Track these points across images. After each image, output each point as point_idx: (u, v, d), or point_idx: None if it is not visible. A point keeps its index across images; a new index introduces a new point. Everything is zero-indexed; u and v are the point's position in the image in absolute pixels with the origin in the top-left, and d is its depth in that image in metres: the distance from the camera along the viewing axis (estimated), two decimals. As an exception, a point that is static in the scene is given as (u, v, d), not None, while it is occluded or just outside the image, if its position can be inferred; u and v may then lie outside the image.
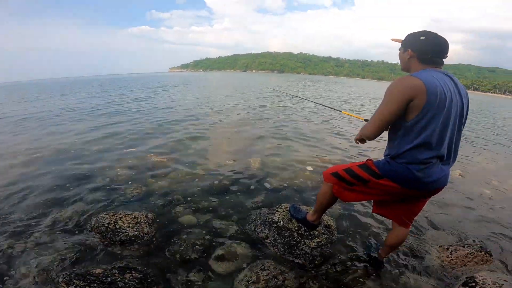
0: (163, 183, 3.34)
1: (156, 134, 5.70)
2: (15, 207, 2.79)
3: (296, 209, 2.33)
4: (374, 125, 1.49)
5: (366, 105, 13.09)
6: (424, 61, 1.48)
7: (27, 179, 3.48)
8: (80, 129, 6.42)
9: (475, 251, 2.23)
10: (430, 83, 1.35)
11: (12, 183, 3.38)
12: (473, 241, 2.41)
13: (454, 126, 1.46)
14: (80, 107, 10.10)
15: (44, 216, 2.61)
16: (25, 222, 2.52)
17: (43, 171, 3.76)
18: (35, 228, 2.41)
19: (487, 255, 2.22)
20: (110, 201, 2.91)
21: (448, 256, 2.20)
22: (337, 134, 5.86)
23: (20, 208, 2.78)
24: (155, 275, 1.87)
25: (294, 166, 3.96)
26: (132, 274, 1.78)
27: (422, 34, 1.49)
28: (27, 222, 2.52)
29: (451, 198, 3.33)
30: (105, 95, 14.31)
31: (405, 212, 1.75)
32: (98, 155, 4.44)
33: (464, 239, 2.50)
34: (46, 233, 2.34)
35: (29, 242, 2.22)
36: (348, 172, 1.71)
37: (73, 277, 1.65)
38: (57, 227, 2.43)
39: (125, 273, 1.76)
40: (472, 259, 2.17)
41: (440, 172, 1.48)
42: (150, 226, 2.37)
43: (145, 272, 1.85)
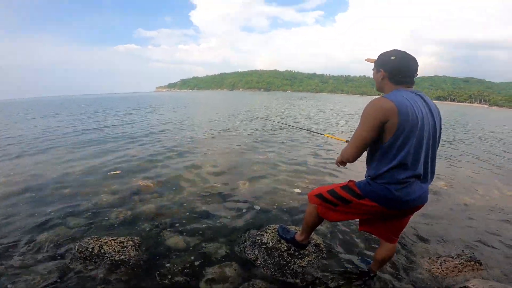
0: (149, 207, 3.28)
1: (141, 158, 5.60)
2: None
3: (285, 229, 2.35)
4: (353, 149, 1.54)
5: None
6: (396, 82, 1.53)
7: (7, 204, 3.36)
8: (62, 152, 6.26)
9: (464, 261, 2.27)
10: (401, 105, 1.39)
11: None
12: (462, 251, 2.47)
13: (428, 145, 1.50)
14: (63, 129, 9.85)
15: (25, 240, 2.53)
16: (5, 245, 2.43)
17: (24, 195, 3.64)
18: (15, 252, 2.33)
19: (477, 264, 2.27)
20: (94, 225, 2.84)
21: (439, 267, 2.24)
22: (321, 155, 5.94)
23: (1, 232, 2.68)
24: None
25: (281, 188, 3.99)
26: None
27: (392, 54, 1.54)
28: (7, 245, 2.43)
29: (437, 209, 3.43)
30: (88, 116, 13.92)
31: (390, 229, 1.79)
32: (81, 179, 4.32)
33: (453, 250, 2.56)
34: (28, 257, 2.26)
35: (9, 266, 2.15)
36: (331, 193, 1.76)
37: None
38: (39, 251, 2.35)
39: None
40: (463, 269, 2.21)
41: (419, 190, 1.53)
42: (137, 250, 2.32)
43: (132, 297, 1.79)
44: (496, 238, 2.81)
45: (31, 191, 3.81)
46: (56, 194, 3.67)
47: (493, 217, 3.32)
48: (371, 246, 2.55)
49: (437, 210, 3.41)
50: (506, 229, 3.03)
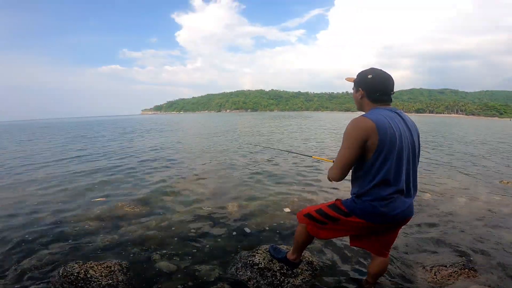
0: (136, 231, 3.19)
1: (127, 183, 5.48)
2: None
3: (276, 249, 2.35)
4: (337, 169, 1.58)
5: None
6: (374, 100, 1.58)
7: None
8: (42, 177, 6.05)
9: (458, 269, 2.30)
10: (380, 124, 1.44)
11: None
12: (454, 259, 2.50)
13: (408, 160, 1.56)
14: (41, 155, 9.41)
15: (6, 266, 2.45)
16: None
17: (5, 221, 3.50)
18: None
19: (471, 271, 2.29)
20: (79, 250, 2.74)
21: (433, 277, 2.26)
22: (309, 176, 5.97)
23: None
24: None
25: (271, 208, 3.98)
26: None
27: (369, 73, 1.59)
28: None
29: (425, 221, 3.49)
30: (70, 142, 13.51)
31: (380, 243, 1.82)
32: (64, 204, 4.18)
33: (445, 259, 2.58)
34: (10, 282, 2.19)
35: None
36: (319, 212, 1.80)
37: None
38: (22, 277, 2.27)
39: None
40: (458, 277, 2.23)
41: (403, 204, 1.57)
42: (125, 274, 2.24)
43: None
44: (487, 244, 2.86)
45: (11, 217, 3.65)
46: (37, 221, 3.52)
47: (480, 224, 3.41)
48: (365, 261, 2.56)
49: (425, 221, 3.47)
50: (495, 234, 3.10)
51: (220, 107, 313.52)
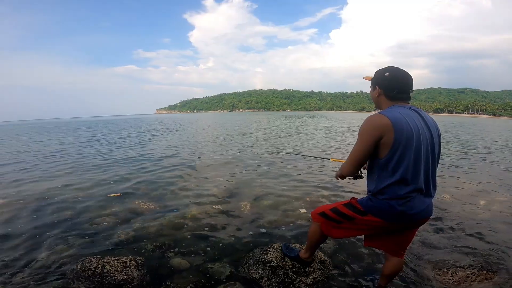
0: (151, 228, 3.26)
1: (144, 181, 5.60)
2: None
3: (289, 247, 2.34)
4: (349, 164, 1.58)
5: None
6: (391, 98, 1.56)
7: (9, 224, 3.39)
8: (63, 174, 6.29)
9: (476, 271, 2.23)
10: (396, 121, 1.41)
11: None
12: (472, 261, 2.42)
13: (427, 159, 1.52)
14: (63, 152, 9.81)
15: (27, 260, 2.54)
16: (8, 265, 2.46)
17: (26, 217, 3.65)
18: (18, 272, 2.34)
19: (489, 273, 2.22)
20: (97, 246, 2.82)
21: (450, 278, 2.20)
22: (324, 175, 5.91)
23: (3, 250, 2.73)
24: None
25: (284, 208, 3.96)
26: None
27: (386, 71, 1.57)
28: (10, 265, 2.46)
29: (444, 221, 3.41)
30: (88, 140, 13.99)
31: (396, 243, 1.78)
32: (82, 201, 4.32)
33: (463, 260, 2.51)
34: (29, 276, 2.26)
35: (11, 285, 2.15)
36: (334, 211, 1.78)
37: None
38: (41, 271, 2.36)
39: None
40: (475, 279, 2.17)
41: (422, 204, 1.53)
42: (140, 270, 2.29)
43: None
44: (506, 247, 2.77)
45: (33, 212, 3.81)
46: (57, 216, 3.66)
47: (501, 227, 3.29)
48: (379, 261, 2.52)
49: (443, 222, 3.39)
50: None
51: (232, 106, 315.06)
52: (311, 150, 10.22)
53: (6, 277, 2.24)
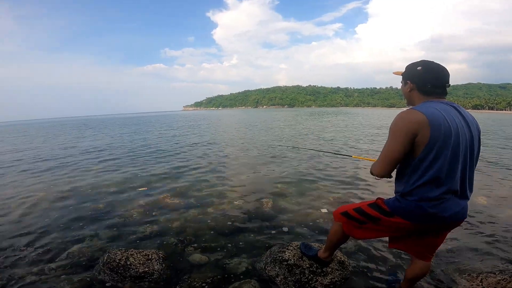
0: (175, 223, 3.37)
1: (169, 176, 5.83)
2: (34, 240, 2.99)
3: (307, 246, 2.30)
4: (382, 165, 1.46)
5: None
6: (425, 93, 1.45)
7: (46, 216, 3.67)
8: (97, 169, 6.72)
9: (508, 277, 2.08)
10: (433, 117, 1.31)
11: (34, 218, 3.63)
12: (505, 267, 2.26)
13: (465, 159, 1.41)
14: (95, 146, 10.39)
15: (59, 250, 2.74)
16: (41, 254, 2.67)
17: (61, 209, 3.95)
18: (51, 261, 2.53)
19: None
20: (123, 238, 2.98)
21: (479, 284, 2.06)
22: (347, 174, 5.74)
23: (39, 241, 2.96)
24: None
25: (305, 206, 3.91)
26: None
27: (419, 65, 1.47)
28: (43, 254, 2.67)
29: (476, 225, 3.18)
30: (123, 134, 14.73)
31: (425, 246, 1.67)
32: (113, 194, 4.60)
33: (495, 266, 2.33)
34: (60, 266, 2.44)
35: (41, 273, 2.33)
36: (358, 211, 1.71)
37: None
38: (72, 261, 2.52)
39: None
40: (506, 285, 2.02)
41: (456, 206, 1.43)
42: (160, 263, 2.37)
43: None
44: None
45: (67, 205, 4.11)
46: (90, 208, 3.93)
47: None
48: (402, 264, 2.40)
49: (476, 226, 3.15)
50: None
51: (256, 103, 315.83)
52: (336, 147, 10.01)
53: (40, 267, 2.43)
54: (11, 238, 3.06)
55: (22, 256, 2.63)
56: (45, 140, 15.76)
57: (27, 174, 6.53)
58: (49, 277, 2.27)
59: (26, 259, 2.58)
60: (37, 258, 2.59)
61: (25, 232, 3.20)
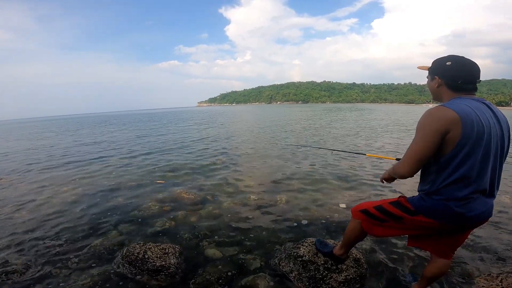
0: (191, 218, 3.43)
1: (186, 171, 5.94)
2: (57, 233, 3.11)
3: (322, 243, 2.29)
4: (409, 164, 1.39)
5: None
6: (455, 89, 1.40)
7: (69, 211, 3.81)
8: (115, 164, 6.94)
9: None
10: (464, 114, 1.27)
11: (55, 211, 3.79)
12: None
13: (496, 158, 1.37)
14: (116, 142, 10.65)
15: (81, 243, 2.85)
16: (63, 247, 2.79)
17: (85, 202, 4.12)
18: (72, 254, 2.63)
19: None
20: (142, 232, 3.07)
21: (498, 284, 1.99)
22: (364, 170, 5.64)
23: (61, 234, 3.09)
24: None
25: (321, 202, 3.88)
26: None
27: (448, 59, 1.42)
28: (65, 247, 2.78)
29: (499, 223, 3.06)
30: (141, 129, 15.10)
31: (447, 244, 1.63)
32: (132, 188, 4.74)
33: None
34: (81, 259, 2.53)
35: (65, 267, 2.43)
36: (378, 209, 1.67)
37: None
38: (92, 255, 2.62)
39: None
40: None
41: (483, 205, 1.40)
42: (177, 257, 2.42)
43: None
44: None
45: (89, 199, 4.26)
46: (110, 202, 4.06)
47: None
48: (419, 262, 2.34)
49: (498, 224, 3.02)
50: None
51: (270, 99, 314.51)
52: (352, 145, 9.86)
53: (64, 260, 2.54)
54: (37, 230, 3.21)
55: (47, 248, 2.75)
56: (65, 137, 16.31)
57: (51, 167, 6.82)
58: (72, 270, 2.37)
59: (50, 251, 2.70)
60: (61, 251, 2.70)
61: (50, 225, 3.35)
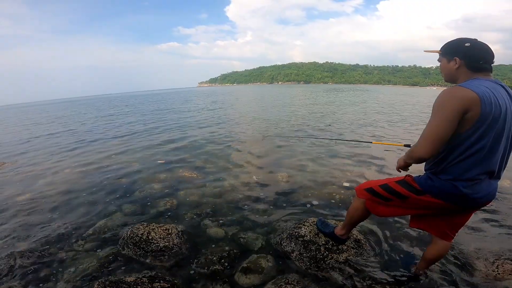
0: (193, 197, 3.45)
1: (187, 151, 5.95)
2: (61, 216, 3.13)
3: (324, 223, 2.30)
4: (430, 143, 1.33)
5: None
6: (476, 69, 1.39)
7: (72, 192, 3.84)
8: (117, 144, 6.96)
9: None
10: (484, 95, 1.26)
11: (59, 193, 3.82)
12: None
13: (508, 140, 1.37)
14: (116, 125, 10.72)
15: (86, 225, 2.87)
16: (69, 229, 2.80)
17: (87, 183, 4.14)
18: (77, 236, 2.66)
19: None
20: (145, 213, 3.10)
21: (494, 270, 2.02)
22: (366, 152, 5.56)
23: (65, 217, 3.11)
24: (182, 285, 1.94)
25: (323, 180, 3.88)
26: (160, 283, 1.85)
27: (465, 41, 1.40)
28: (71, 229, 2.80)
29: (498, 208, 3.05)
30: (142, 110, 15.15)
31: (448, 225, 1.63)
32: (134, 169, 4.75)
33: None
34: (87, 242, 2.56)
35: (70, 249, 2.46)
36: (384, 188, 1.66)
37: (107, 284, 1.77)
38: (97, 236, 2.64)
39: (154, 282, 1.85)
40: None
41: (488, 187, 1.41)
42: (180, 238, 2.45)
43: (172, 282, 1.92)
44: None
45: (92, 181, 4.27)
46: (113, 184, 4.08)
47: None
48: (420, 244, 2.36)
49: (498, 209, 3.00)
50: None
51: (272, 79, 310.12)
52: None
53: (69, 243, 2.56)
54: (41, 213, 3.24)
55: (51, 231, 2.78)
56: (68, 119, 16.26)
57: (54, 150, 6.85)
58: (78, 253, 2.40)
59: (55, 234, 2.72)
60: (66, 233, 2.73)
61: (53, 207, 3.38)
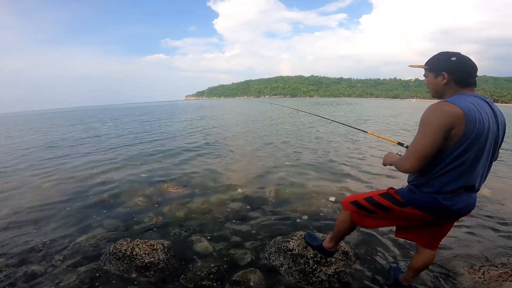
0: (179, 212, 3.39)
1: (173, 165, 5.84)
2: (39, 231, 2.99)
3: (312, 236, 2.31)
4: (415, 159, 1.35)
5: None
6: (463, 84, 1.40)
7: (51, 206, 3.69)
8: (100, 159, 6.73)
9: (510, 270, 2.11)
10: (469, 111, 1.27)
11: (37, 209, 3.63)
12: (507, 260, 2.28)
13: (488, 155, 1.40)
14: (97, 137, 10.33)
15: (66, 241, 2.76)
16: (48, 245, 2.68)
17: (67, 198, 3.97)
18: (56, 252, 2.55)
19: None
20: (129, 228, 3.00)
21: (481, 277, 2.09)
22: (355, 163, 5.75)
23: (44, 232, 2.98)
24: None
25: (309, 195, 3.91)
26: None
27: (450, 55, 1.42)
28: (50, 245, 2.68)
29: (480, 216, 3.18)
30: (122, 123, 14.70)
31: (432, 235, 1.68)
32: (118, 184, 4.60)
33: (497, 259, 2.35)
34: (67, 257, 2.46)
35: (50, 265, 2.35)
36: (369, 201, 1.70)
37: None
38: (78, 252, 2.54)
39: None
40: (507, 279, 2.05)
41: (468, 198, 1.45)
42: (166, 253, 2.39)
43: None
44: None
45: (72, 196, 4.10)
46: (95, 198, 3.94)
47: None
48: (406, 255, 2.41)
49: (480, 218, 3.15)
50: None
51: (259, 93, 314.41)
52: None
53: (48, 258, 2.45)
54: (20, 228, 3.09)
55: (31, 248, 2.65)
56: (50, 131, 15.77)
57: (33, 164, 6.54)
58: (57, 269, 2.30)
59: (35, 250, 2.60)
60: (45, 249, 2.61)
61: (33, 221, 3.24)
